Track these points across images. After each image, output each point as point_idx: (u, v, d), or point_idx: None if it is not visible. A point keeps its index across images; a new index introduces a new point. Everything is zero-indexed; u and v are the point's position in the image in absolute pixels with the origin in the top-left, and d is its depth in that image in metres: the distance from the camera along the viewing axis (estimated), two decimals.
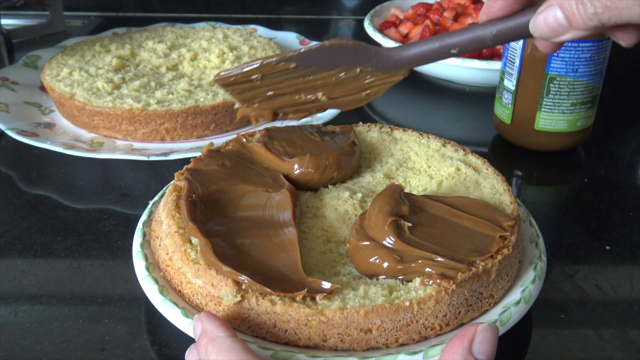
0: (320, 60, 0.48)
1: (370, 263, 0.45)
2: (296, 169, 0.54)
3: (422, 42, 0.47)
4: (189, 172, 0.52)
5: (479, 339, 0.37)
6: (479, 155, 0.58)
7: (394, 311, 0.41)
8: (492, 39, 0.44)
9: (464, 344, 0.37)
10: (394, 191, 0.48)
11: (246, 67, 0.47)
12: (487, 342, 0.37)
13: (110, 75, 0.82)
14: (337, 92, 0.49)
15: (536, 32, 0.40)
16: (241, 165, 0.54)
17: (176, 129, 0.76)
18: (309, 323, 0.41)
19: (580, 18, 0.37)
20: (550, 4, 0.39)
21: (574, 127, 0.73)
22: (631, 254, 0.59)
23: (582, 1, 0.37)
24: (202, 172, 0.53)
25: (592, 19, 0.37)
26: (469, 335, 0.37)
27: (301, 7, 1.33)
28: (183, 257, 0.45)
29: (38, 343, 0.48)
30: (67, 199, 0.67)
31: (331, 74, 0.48)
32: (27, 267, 0.57)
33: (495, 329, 0.38)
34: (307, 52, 0.47)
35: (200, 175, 0.52)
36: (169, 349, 0.48)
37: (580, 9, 0.37)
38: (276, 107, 0.50)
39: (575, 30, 0.39)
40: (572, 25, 0.38)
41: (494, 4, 0.42)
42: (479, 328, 0.37)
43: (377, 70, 0.49)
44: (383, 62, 0.49)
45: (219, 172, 0.53)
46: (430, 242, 0.45)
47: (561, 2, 0.38)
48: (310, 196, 0.54)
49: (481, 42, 0.44)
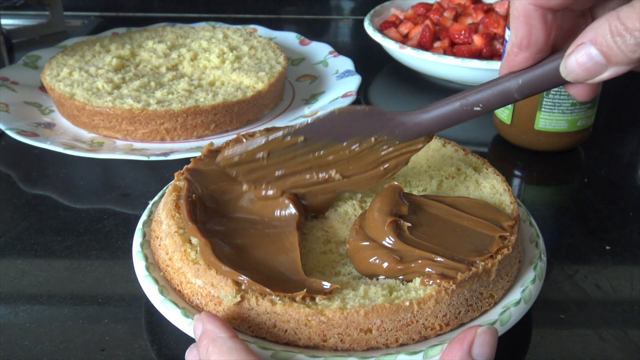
0: (331, 130, 0.44)
1: (370, 263, 0.45)
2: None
3: (442, 102, 0.44)
4: (189, 172, 0.52)
5: (478, 342, 0.37)
6: (479, 155, 0.58)
7: (394, 311, 0.41)
8: (519, 90, 0.40)
9: (463, 346, 0.37)
10: (393, 191, 0.48)
11: (251, 145, 0.43)
12: (487, 344, 0.37)
13: (110, 75, 0.82)
14: (352, 169, 0.46)
15: (569, 75, 0.37)
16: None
17: (176, 129, 0.76)
18: (309, 323, 0.41)
19: (620, 52, 0.34)
20: (581, 43, 0.35)
21: (574, 127, 0.73)
22: (631, 254, 0.59)
23: (619, 32, 0.33)
24: (202, 172, 0.53)
25: (635, 50, 0.33)
26: (468, 338, 0.37)
27: (301, 7, 1.33)
28: (183, 257, 0.45)
29: (38, 343, 0.48)
30: (67, 199, 0.67)
31: (344, 147, 0.45)
32: (27, 267, 0.57)
33: (494, 331, 0.38)
34: (316, 123, 0.44)
35: (200, 175, 0.52)
36: (169, 349, 0.48)
37: (618, 42, 0.33)
38: (287, 188, 0.47)
39: (615, 67, 0.35)
40: (611, 62, 0.35)
41: (516, 57, 0.39)
42: (479, 331, 0.37)
43: (394, 138, 0.45)
44: (400, 129, 0.45)
45: (219, 172, 0.53)
46: (430, 242, 0.45)
47: (594, 38, 0.34)
48: None
49: (507, 95, 0.40)
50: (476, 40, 0.94)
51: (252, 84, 0.82)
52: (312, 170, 0.46)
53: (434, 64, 0.93)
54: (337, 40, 1.25)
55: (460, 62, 0.89)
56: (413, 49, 0.92)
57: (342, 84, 0.88)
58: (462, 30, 0.95)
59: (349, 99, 0.82)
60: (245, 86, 0.82)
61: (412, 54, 0.93)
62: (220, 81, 0.84)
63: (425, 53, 0.91)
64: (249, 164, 0.45)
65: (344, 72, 0.92)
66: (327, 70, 0.95)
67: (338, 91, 0.86)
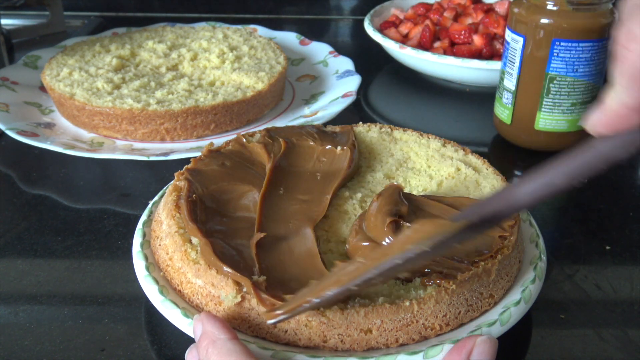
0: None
1: None
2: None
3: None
4: (189, 172, 0.52)
5: (477, 351, 0.37)
6: (479, 155, 0.58)
7: (394, 311, 0.41)
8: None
9: (462, 355, 0.37)
10: (393, 191, 0.48)
11: (300, 308, 0.38)
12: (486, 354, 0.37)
13: (110, 75, 0.82)
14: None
15: None
16: (241, 165, 0.54)
17: (176, 129, 0.76)
18: (309, 323, 0.41)
19: None
20: None
21: (574, 127, 0.73)
22: (631, 254, 0.59)
23: None
24: (202, 172, 0.53)
25: None
26: (467, 347, 0.37)
27: (301, 7, 1.33)
28: (183, 257, 0.45)
29: (38, 343, 0.48)
30: (67, 199, 0.67)
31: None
32: (27, 267, 0.57)
33: (494, 342, 0.38)
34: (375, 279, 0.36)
35: (200, 175, 0.52)
36: (169, 349, 0.47)
37: None
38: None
39: None
40: None
41: (627, 119, 0.31)
42: (478, 340, 0.37)
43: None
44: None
45: (218, 172, 0.53)
46: None
47: None
48: None
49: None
50: (476, 40, 0.94)
51: (252, 84, 0.82)
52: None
53: (434, 64, 0.93)
54: (337, 40, 1.25)
55: (460, 62, 0.89)
56: (413, 49, 0.92)
57: (342, 84, 0.88)
58: (462, 30, 0.95)
59: (349, 99, 0.82)
60: (245, 86, 0.82)
61: (412, 54, 0.93)
62: (220, 81, 0.84)
63: (425, 53, 0.91)
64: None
65: (344, 72, 0.92)
66: (327, 70, 0.95)
67: (338, 91, 0.86)
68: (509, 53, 0.73)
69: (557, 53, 0.68)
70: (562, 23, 0.67)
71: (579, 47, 0.68)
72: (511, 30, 0.72)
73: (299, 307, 0.38)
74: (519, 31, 0.71)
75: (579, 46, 0.68)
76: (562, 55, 0.68)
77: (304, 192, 0.52)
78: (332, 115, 0.77)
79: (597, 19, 0.67)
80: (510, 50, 0.73)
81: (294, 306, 0.38)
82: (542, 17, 0.68)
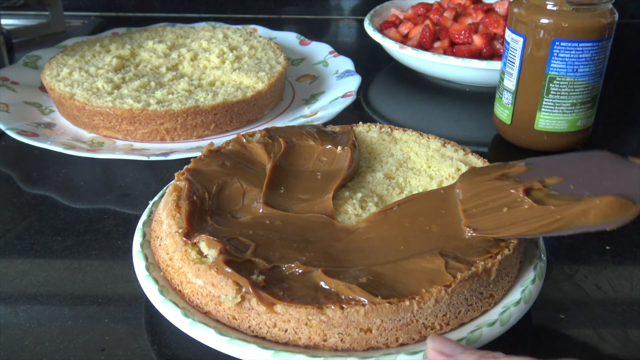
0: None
1: None
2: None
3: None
4: (189, 172, 0.52)
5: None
6: (479, 156, 0.58)
7: (394, 311, 0.41)
8: None
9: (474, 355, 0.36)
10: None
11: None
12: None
13: (110, 75, 0.82)
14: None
15: None
16: (241, 165, 0.54)
17: (176, 129, 0.76)
18: (310, 322, 0.41)
19: None
20: None
21: (574, 127, 0.73)
22: (631, 254, 0.59)
23: None
24: (202, 172, 0.53)
25: None
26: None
27: (301, 7, 1.33)
28: (183, 257, 0.45)
29: (38, 343, 0.48)
30: (67, 199, 0.67)
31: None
32: (27, 267, 0.57)
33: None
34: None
35: (200, 176, 0.52)
36: (169, 349, 0.48)
37: None
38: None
39: None
40: None
41: None
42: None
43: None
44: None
45: (219, 172, 0.53)
46: None
47: None
48: None
49: None
50: (476, 40, 0.94)
51: (252, 84, 0.82)
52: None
53: (434, 64, 0.93)
54: (337, 40, 1.25)
55: (460, 62, 0.89)
56: (413, 49, 0.92)
57: (342, 84, 0.88)
58: (462, 30, 0.95)
59: (349, 99, 0.82)
60: (245, 86, 0.82)
61: (412, 54, 0.93)
62: (220, 81, 0.84)
63: (425, 53, 0.91)
64: None
65: (344, 72, 0.92)
66: (327, 70, 0.95)
67: (338, 91, 0.86)
68: (509, 53, 0.73)
69: (557, 53, 0.68)
70: (562, 23, 0.67)
71: (579, 47, 0.68)
72: (511, 30, 0.72)
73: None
74: (519, 31, 0.71)
75: (579, 46, 0.68)
76: (562, 55, 0.68)
77: (305, 191, 0.52)
78: (332, 115, 0.77)
79: (597, 19, 0.67)
80: (510, 50, 0.73)
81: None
82: (542, 17, 0.68)
